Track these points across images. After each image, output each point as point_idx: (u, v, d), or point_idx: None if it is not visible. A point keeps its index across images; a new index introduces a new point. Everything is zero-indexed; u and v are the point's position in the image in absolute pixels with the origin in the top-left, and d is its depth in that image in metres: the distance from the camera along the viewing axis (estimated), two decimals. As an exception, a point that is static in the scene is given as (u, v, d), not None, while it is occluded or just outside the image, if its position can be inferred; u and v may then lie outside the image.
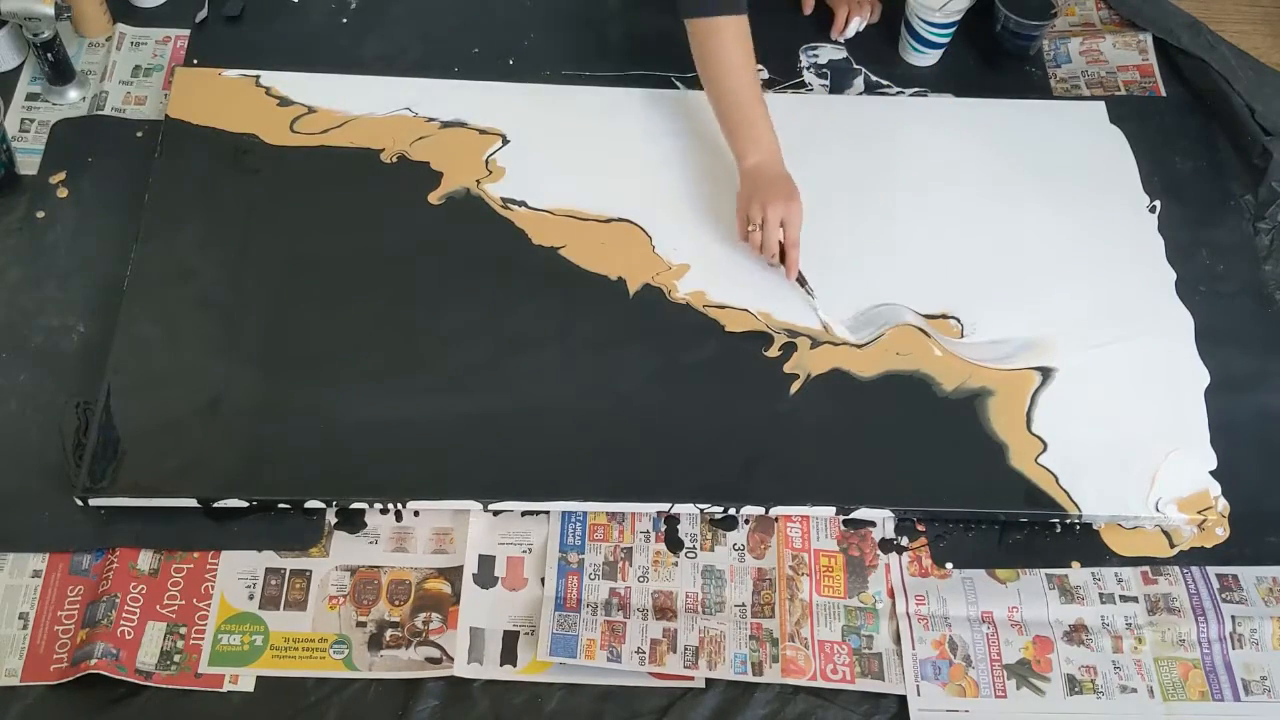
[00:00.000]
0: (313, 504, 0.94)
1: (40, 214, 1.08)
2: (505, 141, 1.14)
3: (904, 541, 0.96)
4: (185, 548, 0.93)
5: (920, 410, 1.00)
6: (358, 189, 1.10)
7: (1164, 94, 1.24)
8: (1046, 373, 1.02)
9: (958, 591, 0.93)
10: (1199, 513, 0.96)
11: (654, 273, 1.06)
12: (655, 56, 1.23)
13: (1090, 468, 0.97)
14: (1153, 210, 1.13)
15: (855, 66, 1.25)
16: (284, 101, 1.14)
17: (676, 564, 0.94)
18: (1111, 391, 1.01)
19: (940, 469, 0.97)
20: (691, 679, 0.89)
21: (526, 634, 0.90)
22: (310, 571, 0.93)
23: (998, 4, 1.20)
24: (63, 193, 1.10)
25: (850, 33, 1.25)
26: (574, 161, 1.13)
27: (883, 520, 0.97)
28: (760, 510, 0.95)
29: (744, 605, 0.92)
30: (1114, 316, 1.06)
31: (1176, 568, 0.95)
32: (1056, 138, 1.17)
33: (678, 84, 1.22)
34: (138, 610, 0.89)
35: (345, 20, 1.25)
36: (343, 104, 1.15)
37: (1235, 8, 1.42)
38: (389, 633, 0.90)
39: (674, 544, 0.95)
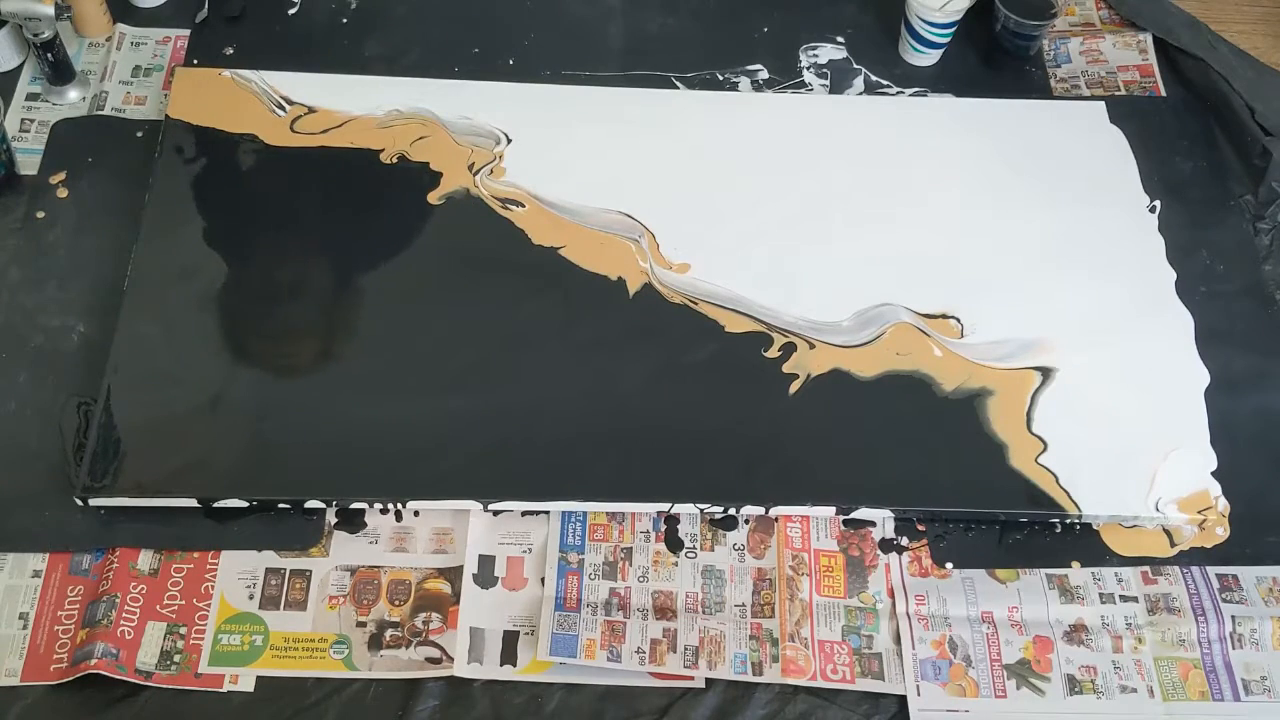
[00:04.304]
0: (313, 504, 0.94)
1: (40, 214, 1.08)
2: (505, 141, 1.14)
3: (904, 541, 0.96)
4: (185, 548, 0.93)
5: (920, 410, 1.00)
6: (358, 189, 1.10)
7: (1164, 94, 1.24)
8: (1046, 373, 1.02)
9: (958, 591, 0.93)
10: (1199, 513, 0.96)
11: (654, 273, 1.06)
12: (655, 56, 1.24)
13: (1090, 468, 0.97)
14: (1153, 210, 1.13)
15: (855, 66, 1.25)
16: (284, 102, 1.14)
17: (676, 564, 0.94)
18: (1111, 391, 1.01)
19: (940, 469, 0.97)
20: (691, 679, 0.89)
21: (526, 634, 0.90)
22: (310, 571, 0.93)
23: (998, 4, 1.20)
24: (63, 193, 1.10)
25: None
26: (574, 161, 1.12)
27: (883, 520, 0.97)
28: (760, 510, 0.95)
29: (744, 605, 0.92)
30: (1114, 316, 1.06)
31: (1176, 568, 0.95)
32: (1056, 138, 1.17)
33: (678, 84, 1.22)
34: (138, 610, 0.89)
35: (345, 20, 1.25)
36: (343, 104, 1.15)
37: (1235, 8, 1.42)
38: (389, 633, 0.90)
39: (674, 544, 0.95)
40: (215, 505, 0.93)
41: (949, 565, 0.95)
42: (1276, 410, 1.03)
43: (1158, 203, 1.13)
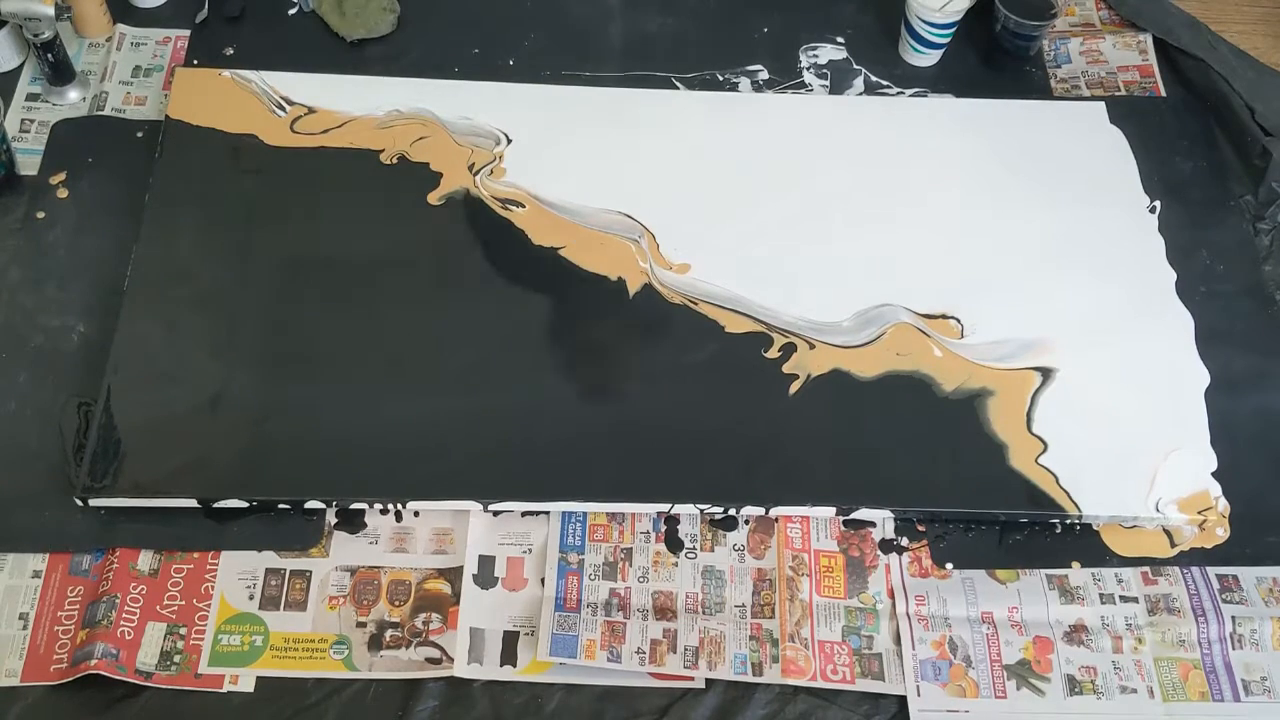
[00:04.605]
0: (313, 504, 0.94)
1: (40, 214, 1.08)
2: (505, 141, 1.14)
3: (904, 542, 0.96)
4: (185, 548, 0.93)
5: (920, 410, 1.00)
6: (358, 189, 1.10)
7: (1164, 94, 1.24)
8: (1047, 373, 1.02)
9: (958, 592, 0.93)
10: (1199, 513, 0.96)
11: (654, 273, 1.06)
12: (655, 56, 1.24)
13: (1090, 468, 0.97)
14: (1153, 211, 1.13)
15: (855, 66, 1.25)
16: (284, 102, 1.14)
17: (676, 564, 0.94)
18: (1112, 392, 1.01)
19: (940, 469, 0.97)
20: (691, 679, 0.89)
21: (526, 634, 0.90)
22: (310, 572, 0.93)
23: (998, 4, 1.20)
24: (63, 193, 1.10)
25: None
26: (574, 162, 1.12)
27: (883, 520, 0.97)
28: (760, 510, 0.95)
29: (744, 605, 0.92)
30: (1114, 317, 1.06)
31: (1176, 568, 0.95)
32: (1056, 138, 1.17)
33: (678, 84, 1.22)
34: (138, 610, 0.89)
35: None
36: (343, 104, 1.15)
37: (1235, 8, 1.42)
38: (389, 633, 0.90)
39: (674, 544, 0.95)
40: (215, 505, 0.93)
41: (949, 566, 0.95)
42: (1276, 410, 1.03)
43: (1158, 203, 1.13)
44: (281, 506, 0.94)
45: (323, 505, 0.94)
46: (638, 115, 1.17)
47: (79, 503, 0.92)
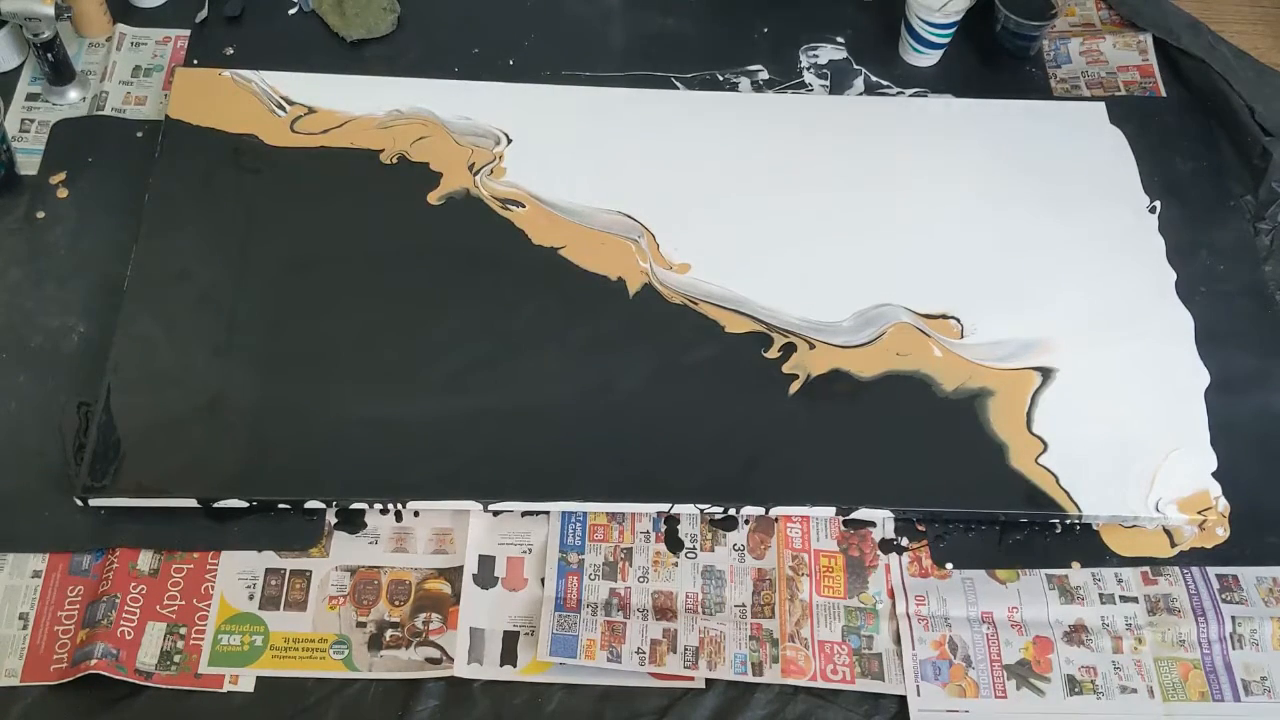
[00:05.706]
0: (313, 504, 0.94)
1: (40, 214, 1.08)
2: (506, 141, 1.14)
3: (904, 542, 0.96)
4: (185, 548, 0.93)
5: (920, 410, 1.00)
6: (357, 189, 1.10)
7: (1164, 94, 1.24)
8: (1047, 373, 1.02)
9: (958, 592, 0.93)
10: (1199, 513, 0.96)
11: (654, 273, 1.06)
12: (655, 56, 1.24)
13: (1090, 468, 0.97)
14: (1153, 211, 1.13)
15: (855, 67, 1.25)
16: (284, 102, 1.14)
17: (676, 564, 0.94)
18: (1112, 392, 1.01)
19: (940, 469, 0.97)
20: (691, 679, 0.89)
21: (526, 634, 0.90)
22: (310, 572, 0.93)
23: (998, 4, 1.21)
24: (63, 193, 1.10)
25: None
26: (574, 161, 1.13)
27: (883, 520, 0.97)
28: (760, 510, 0.95)
29: (744, 605, 0.92)
30: (1114, 317, 1.06)
31: (1177, 568, 0.95)
32: (1056, 138, 1.17)
33: (678, 84, 1.22)
34: (138, 610, 0.89)
35: (345, 20, 1.25)
36: (343, 104, 1.15)
37: (1235, 8, 1.42)
38: (389, 633, 0.90)
39: (674, 544, 0.95)
40: (215, 505, 0.93)
41: (949, 565, 0.95)
42: (1276, 410, 1.03)
43: (1158, 203, 1.13)
44: (281, 506, 0.94)
45: (323, 505, 0.94)
46: (638, 115, 1.17)
47: (79, 503, 0.92)
